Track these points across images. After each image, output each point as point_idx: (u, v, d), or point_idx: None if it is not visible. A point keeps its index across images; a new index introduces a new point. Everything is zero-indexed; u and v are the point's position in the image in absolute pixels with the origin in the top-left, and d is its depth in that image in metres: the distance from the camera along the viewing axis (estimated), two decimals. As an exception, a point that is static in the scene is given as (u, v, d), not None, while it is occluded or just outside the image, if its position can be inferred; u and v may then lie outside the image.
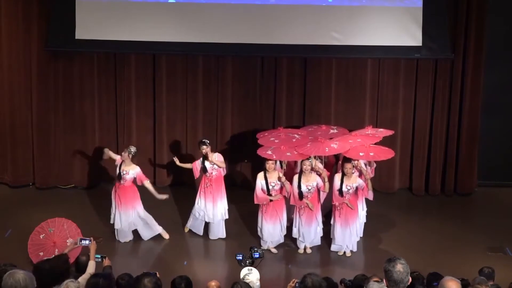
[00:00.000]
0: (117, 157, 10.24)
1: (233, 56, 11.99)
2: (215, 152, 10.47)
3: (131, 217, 10.07)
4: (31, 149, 12.23)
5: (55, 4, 11.55)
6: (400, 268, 4.83)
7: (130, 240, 10.25)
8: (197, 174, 10.34)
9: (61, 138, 12.21)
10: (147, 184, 10.10)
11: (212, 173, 10.18)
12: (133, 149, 10.11)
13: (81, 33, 11.50)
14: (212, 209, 10.21)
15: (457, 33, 11.75)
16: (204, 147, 10.11)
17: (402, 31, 11.42)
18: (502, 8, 11.93)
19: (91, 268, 6.66)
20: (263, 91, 12.21)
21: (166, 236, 10.35)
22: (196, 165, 10.28)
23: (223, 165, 10.25)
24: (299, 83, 12.14)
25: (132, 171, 10.01)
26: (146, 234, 10.29)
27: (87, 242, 7.07)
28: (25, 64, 11.89)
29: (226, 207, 10.37)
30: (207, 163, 10.16)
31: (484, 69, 11.92)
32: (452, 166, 12.28)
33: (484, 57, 11.86)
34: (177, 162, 10.52)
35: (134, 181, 10.10)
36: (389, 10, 11.40)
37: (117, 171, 10.09)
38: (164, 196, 10.28)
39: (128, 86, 12.16)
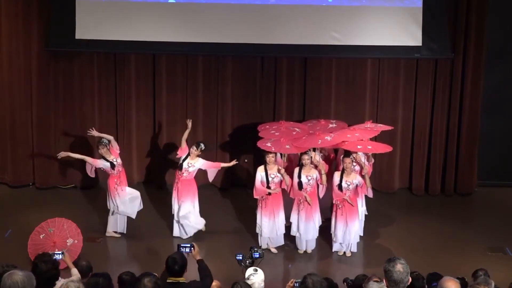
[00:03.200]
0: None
1: (233, 56, 11.99)
2: (204, 159, 10.38)
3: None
4: (31, 149, 12.23)
5: (55, 4, 11.55)
6: (400, 268, 4.83)
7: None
8: (180, 154, 10.32)
9: (61, 138, 12.21)
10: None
11: (183, 173, 10.18)
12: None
13: (81, 33, 11.49)
14: (177, 208, 10.24)
15: (457, 33, 11.76)
16: (193, 149, 10.14)
17: (402, 31, 11.42)
18: (502, 8, 11.93)
19: (75, 276, 6.46)
20: (263, 91, 12.21)
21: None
22: (182, 151, 10.28)
23: (207, 167, 10.25)
24: (299, 83, 12.15)
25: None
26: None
27: (59, 256, 6.52)
28: (25, 64, 11.89)
29: (189, 212, 10.27)
30: (185, 162, 10.18)
31: (484, 69, 11.93)
32: (452, 166, 12.28)
33: (484, 57, 11.87)
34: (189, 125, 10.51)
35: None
36: (389, 10, 11.40)
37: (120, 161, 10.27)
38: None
39: (128, 86, 12.16)
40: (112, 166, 10.12)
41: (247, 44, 11.48)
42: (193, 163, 10.17)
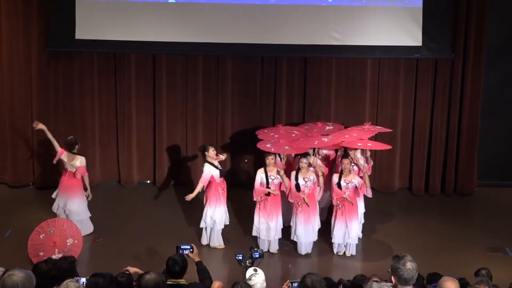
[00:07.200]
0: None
1: (233, 56, 11.99)
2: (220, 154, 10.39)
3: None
4: (31, 149, 12.23)
5: (55, 4, 11.55)
6: (409, 266, 4.75)
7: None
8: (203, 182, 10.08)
9: (61, 138, 12.18)
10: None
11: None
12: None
13: (81, 33, 11.49)
14: (225, 214, 10.20)
15: (457, 33, 11.76)
16: (212, 154, 10.08)
17: (402, 31, 11.42)
18: (502, 8, 11.94)
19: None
20: (263, 91, 12.21)
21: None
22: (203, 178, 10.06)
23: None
24: (299, 83, 12.15)
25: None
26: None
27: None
28: (25, 64, 11.89)
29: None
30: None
31: (484, 69, 11.93)
32: (452, 166, 12.28)
33: (484, 57, 11.87)
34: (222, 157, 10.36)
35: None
36: (389, 10, 11.40)
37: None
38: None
39: (128, 86, 12.16)
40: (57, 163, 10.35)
41: (247, 44, 11.49)
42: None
